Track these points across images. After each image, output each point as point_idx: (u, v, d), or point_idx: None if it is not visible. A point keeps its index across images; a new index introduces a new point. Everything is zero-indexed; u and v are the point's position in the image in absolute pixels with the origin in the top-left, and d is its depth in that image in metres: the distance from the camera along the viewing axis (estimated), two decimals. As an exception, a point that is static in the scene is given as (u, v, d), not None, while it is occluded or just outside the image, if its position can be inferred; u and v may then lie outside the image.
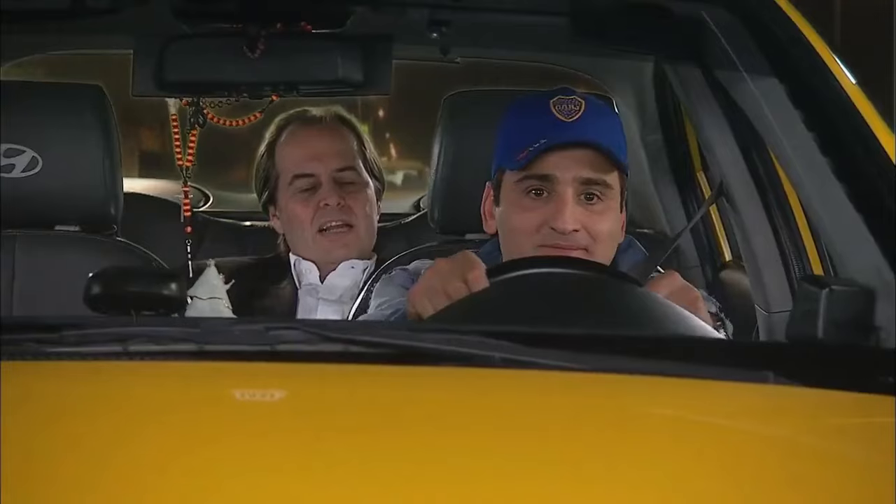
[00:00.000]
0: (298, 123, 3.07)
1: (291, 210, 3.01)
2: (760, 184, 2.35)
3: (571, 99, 2.28)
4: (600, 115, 2.31)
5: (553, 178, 2.26)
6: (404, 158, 8.05)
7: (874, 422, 1.51)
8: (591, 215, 2.26)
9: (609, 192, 2.27)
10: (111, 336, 1.56)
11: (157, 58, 2.50)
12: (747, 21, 2.07)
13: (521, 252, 2.28)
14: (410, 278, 2.39)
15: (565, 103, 2.27)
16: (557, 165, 2.26)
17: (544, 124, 2.28)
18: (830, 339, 1.67)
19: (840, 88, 1.93)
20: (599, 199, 2.26)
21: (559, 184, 2.25)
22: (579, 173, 2.25)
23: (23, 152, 2.79)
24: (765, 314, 2.34)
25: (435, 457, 1.29)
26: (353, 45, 2.49)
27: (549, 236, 2.25)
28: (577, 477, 1.27)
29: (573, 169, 2.25)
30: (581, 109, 2.27)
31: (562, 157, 2.26)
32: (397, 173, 7.39)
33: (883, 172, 1.82)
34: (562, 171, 2.25)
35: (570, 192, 2.25)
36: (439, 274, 2.07)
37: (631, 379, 1.56)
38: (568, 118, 2.26)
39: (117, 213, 2.86)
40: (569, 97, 2.28)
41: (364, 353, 1.55)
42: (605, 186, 2.26)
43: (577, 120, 2.26)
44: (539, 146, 2.25)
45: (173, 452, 1.28)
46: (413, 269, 2.43)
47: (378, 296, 2.40)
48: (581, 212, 2.26)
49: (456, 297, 2.01)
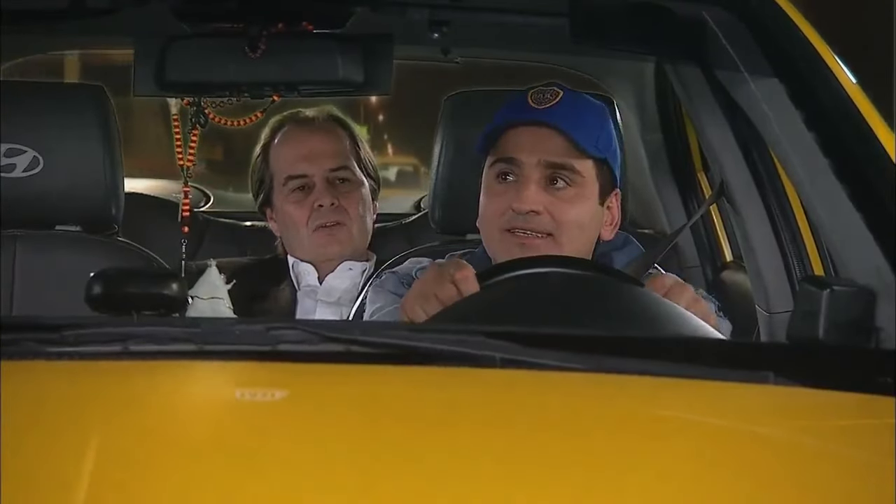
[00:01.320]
0: (292, 124, 3.07)
1: (286, 211, 3.01)
2: (761, 184, 2.35)
3: (550, 89, 2.31)
4: (577, 105, 2.32)
5: (518, 160, 2.28)
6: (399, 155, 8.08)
7: (874, 422, 1.51)
8: (555, 200, 2.27)
9: (579, 179, 2.28)
10: (112, 336, 1.56)
11: (158, 58, 2.50)
12: (747, 21, 2.07)
13: (489, 237, 2.31)
14: (400, 282, 2.39)
15: (542, 92, 2.31)
16: (521, 148, 2.28)
17: (515, 109, 2.31)
18: (831, 340, 1.67)
19: (840, 88, 1.93)
20: (568, 185, 2.28)
21: (523, 166, 2.27)
22: (543, 156, 2.27)
23: (24, 152, 2.80)
24: (765, 315, 2.34)
25: (435, 457, 1.29)
26: (354, 46, 2.49)
27: (512, 218, 2.27)
28: (577, 477, 1.27)
29: (537, 151, 2.27)
30: (556, 99, 2.29)
31: (526, 140, 2.28)
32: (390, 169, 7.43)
33: (883, 172, 1.82)
34: (526, 153, 2.27)
35: (533, 175, 2.27)
36: (429, 280, 2.08)
37: (631, 379, 1.56)
38: (540, 105, 2.28)
39: (118, 213, 2.86)
40: (548, 88, 2.31)
41: (365, 353, 1.55)
42: (573, 172, 2.28)
43: (548, 107, 2.28)
44: (500, 125, 2.29)
45: (173, 452, 1.28)
46: (403, 270, 2.43)
47: (372, 303, 2.41)
48: (545, 195, 2.27)
49: (448, 301, 2.02)
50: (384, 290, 2.40)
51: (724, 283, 3.11)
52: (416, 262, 2.45)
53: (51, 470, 1.23)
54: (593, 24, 2.28)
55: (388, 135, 8.45)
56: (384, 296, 2.38)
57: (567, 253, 2.24)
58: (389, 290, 2.39)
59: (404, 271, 2.43)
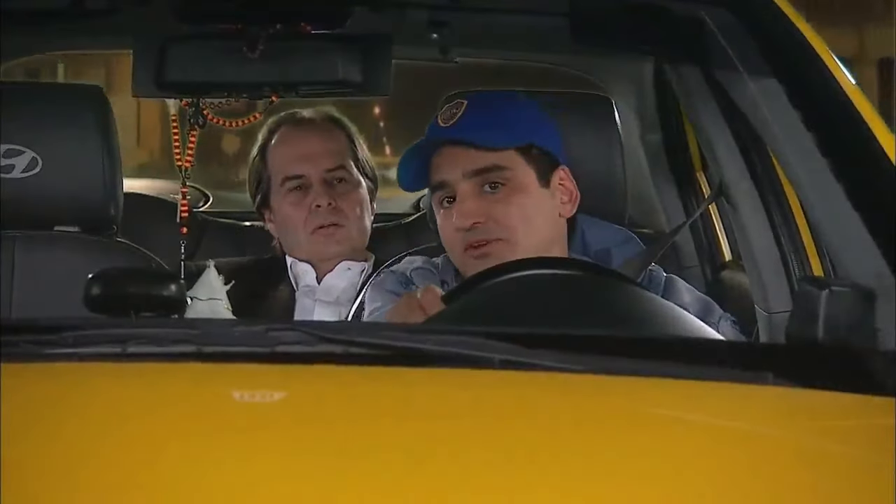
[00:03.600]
0: (288, 125, 3.07)
1: (284, 212, 3.01)
2: (760, 184, 2.35)
3: (455, 103, 2.35)
4: (480, 108, 2.34)
5: (446, 182, 2.32)
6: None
7: (874, 423, 1.51)
8: (494, 204, 2.29)
9: (508, 174, 2.30)
10: (110, 337, 1.56)
11: (157, 58, 2.50)
12: (747, 21, 2.07)
13: (456, 259, 2.35)
14: (399, 281, 2.40)
15: (448, 109, 2.35)
16: (443, 169, 2.33)
17: (428, 135, 2.37)
18: (830, 340, 1.67)
19: (840, 88, 1.93)
20: (501, 184, 2.29)
21: (453, 185, 2.31)
22: (464, 168, 2.30)
23: (23, 153, 2.79)
24: (765, 315, 2.33)
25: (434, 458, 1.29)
26: (353, 46, 2.49)
27: (463, 237, 2.30)
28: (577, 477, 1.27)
29: (456, 166, 2.31)
30: (460, 111, 2.31)
31: (443, 160, 2.33)
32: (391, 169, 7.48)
33: (882, 172, 1.82)
34: (447, 173, 2.31)
35: (464, 189, 2.30)
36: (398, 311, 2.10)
37: (631, 380, 1.56)
38: (446, 122, 2.32)
39: (117, 213, 2.86)
40: (453, 102, 2.36)
41: (364, 354, 1.55)
42: (500, 170, 2.30)
43: (451, 124, 2.32)
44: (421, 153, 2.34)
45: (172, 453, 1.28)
46: (400, 269, 2.44)
47: (371, 302, 2.41)
48: (482, 204, 2.29)
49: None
50: (383, 289, 2.40)
51: (723, 283, 3.10)
52: (410, 263, 2.46)
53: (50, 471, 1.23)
54: (593, 24, 2.28)
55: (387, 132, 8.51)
56: (383, 295, 2.38)
57: (524, 248, 2.26)
58: (388, 289, 2.39)
59: (401, 269, 2.44)
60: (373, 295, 2.42)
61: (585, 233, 2.44)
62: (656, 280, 2.41)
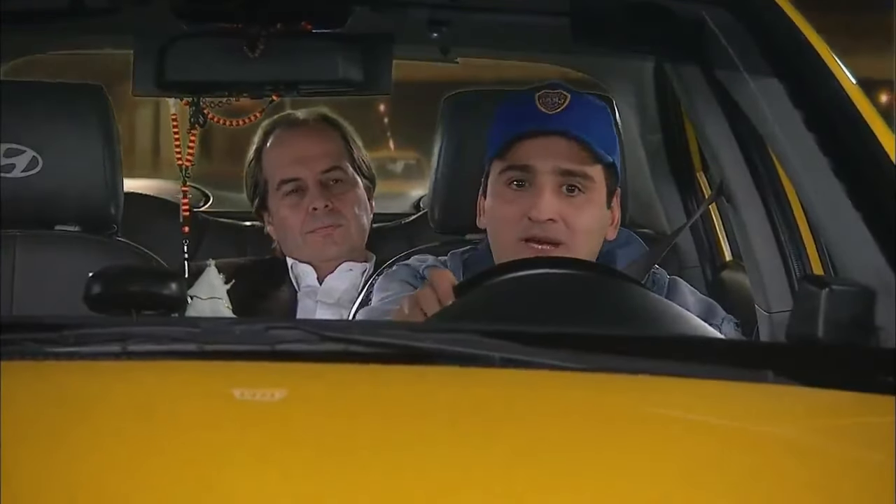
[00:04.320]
0: (283, 127, 3.07)
1: (282, 215, 3.01)
2: (760, 184, 2.35)
3: (557, 92, 2.30)
4: (585, 109, 2.32)
5: (532, 168, 2.28)
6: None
7: (874, 422, 1.51)
8: (569, 207, 2.27)
9: (591, 185, 2.29)
10: (111, 336, 1.56)
11: (157, 58, 2.50)
12: (747, 21, 2.07)
13: (503, 244, 2.31)
14: (412, 273, 2.39)
15: (550, 96, 2.30)
16: (536, 155, 2.28)
17: (526, 115, 2.31)
18: (830, 339, 1.67)
19: (840, 88, 1.93)
20: (580, 191, 2.28)
21: (538, 174, 2.27)
22: (558, 164, 2.27)
23: (23, 152, 2.79)
24: (765, 314, 2.33)
25: (435, 456, 1.29)
26: (354, 45, 2.49)
27: (528, 227, 2.27)
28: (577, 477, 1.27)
29: (552, 159, 2.27)
30: (565, 102, 2.29)
31: (541, 147, 2.28)
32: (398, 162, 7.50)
33: (883, 172, 1.82)
34: (541, 161, 2.27)
35: (548, 182, 2.27)
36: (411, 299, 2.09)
37: (631, 379, 1.56)
38: (550, 110, 2.28)
39: (117, 213, 2.86)
40: (555, 91, 2.31)
41: (364, 352, 1.55)
42: (585, 179, 2.28)
43: (559, 112, 2.28)
44: (516, 133, 2.28)
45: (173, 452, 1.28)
46: (414, 262, 2.44)
47: (380, 290, 2.41)
48: (560, 203, 2.27)
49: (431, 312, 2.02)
50: (396, 279, 2.40)
51: (724, 283, 3.10)
52: (422, 261, 2.45)
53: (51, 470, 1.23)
54: (593, 24, 2.28)
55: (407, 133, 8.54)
56: (396, 284, 2.38)
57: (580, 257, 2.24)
58: (402, 279, 2.39)
59: (415, 264, 2.44)
60: (383, 284, 2.42)
61: None
62: (660, 282, 2.41)
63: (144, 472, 1.23)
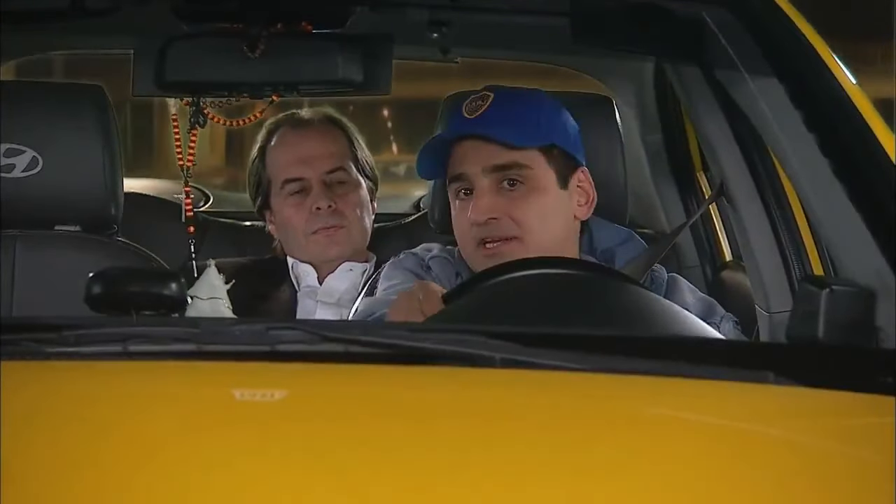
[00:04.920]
0: (287, 127, 3.07)
1: (284, 215, 3.01)
2: (760, 184, 2.35)
3: (481, 95, 2.34)
4: (506, 103, 2.34)
5: (465, 174, 2.33)
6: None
7: (874, 422, 1.51)
8: (512, 201, 2.30)
9: (529, 173, 2.30)
10: (111, 336, 1.56)
11: (157, 58, 2.50)
12: (747, 21, 2.07)
13: (466, 252, 2.36)
14: (419, 263, 2.41)
15: (475, 100, 2.33)
16: (465, 160, 2.33)
17: (453, 123, 2.38)
18: (830, 340, 1.67)
19: (840, 88, 1.93)
20: (521, 182, 2.30)
21: (472, 177, 2.32)
22: (485, 163, 2.30)
23: (23, 152, 2.79)
24: (765, 314, 2.33)
25: (435, 457, 1.29)
26: (354, 45, 2.49)
27: (477, 231, 2.30)
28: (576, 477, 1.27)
29: (478, 161, 2.31)
30: (486, 104, 2.31)
31: (465, 152, 2.33)
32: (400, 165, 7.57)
33: (882, 172, 1.82)
34: (469, 165, 2.32)
35: (483, 183, 2.30)
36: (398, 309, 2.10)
37: (631, 379, 1.56)
38: (471, 114, 2.32)
39: (117, 213, 2.86)
40: (480, 94, 2.34)
41: (364, 353, 1.55)
42: (521, 168, 2.30)
43: (477, 116, 2.31)
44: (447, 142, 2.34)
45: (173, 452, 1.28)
46: (420, 251, 2.45)
47: (386, 279, 2.42)
48: (500, 200, 2.30)
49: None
50: (402, 267, 2.42)
51: (724, 283, 3.10)
52: (428, 250, 2.46)
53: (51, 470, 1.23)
54: (593, 24, 2.28)
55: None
56: (402, 273, 2.39)
57: (537, 248, 2.26)
58: (407, 268, 2.40)
59: (420, 255, 2.45)
60: (390, 273, 2.43)
61: (594, 233, 2.44)
62: (658, 280, 2.41)
63: (144, 472, 1.23)
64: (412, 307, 2.06)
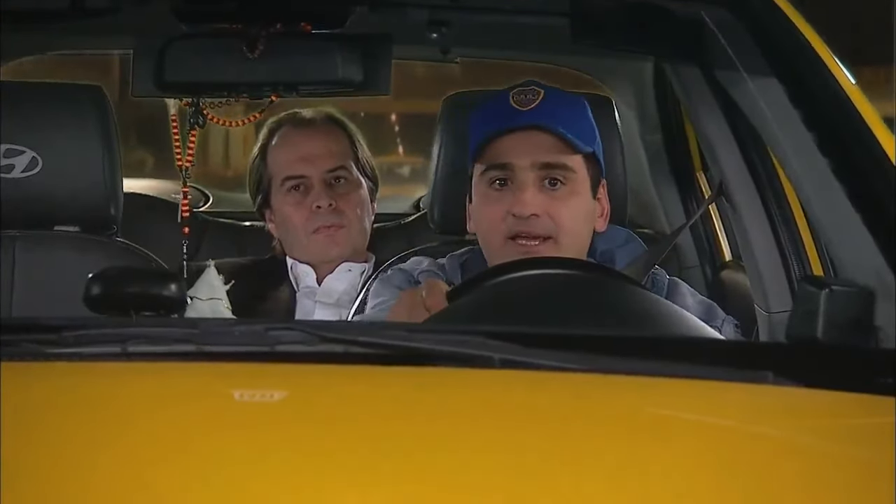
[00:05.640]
0: (289, 126, 3.07)
1: (285, 213, 3.01)
2: (760, 184, 2.35)
3: (530, 89, 2.31)
4: (559, 103, 2.32)
5: (511, 165, 2.28)
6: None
7: (874, 422, 1.51)
8: (553, 201, 2.28)
9: (572, 176, 2.29)
10: (110, 337, 1.56)
11: (157, 58, 2.50)
12: (747, 21, 2.07)
13: (491, 245, 2.31)
14: (407, 279, 2.39)
15: (524, 93, 2.31)
16: (513, 152, 2.28)
17: (501, 114, 2.31)
18: (830, 340, 1.67)
19: (840, 88, 1.93)
20: (563, 183, 2.29)
21: (517, 170, 2.28)
22: (536, 158, 2.27)
23: (23, 152, 2.79)
24: (765, 314, 2.33)
25: (434, 458, 1.29)
26: (353, 46, 2.49)
27: (513, 224, 2.27)
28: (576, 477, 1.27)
29: (529, 154, 2.27)
30: (538, 98, 2.30)
31: (517, 143, 2.29)
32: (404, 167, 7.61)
33: (882, 172, 1.82)
34: (518, 157, 2.28)
35: (528, 178, 2.27)
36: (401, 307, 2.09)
37: (631, 379, 1.56)
38: (524, 106, 2.29)
39: (117, 213, 2.86)
40: (528, 88, 2.31)
41: (364, 353, 1.55)
42: (566, 170, 2.28)
43: (532, 108, 2.29)
44: (493, 132, 2.28)
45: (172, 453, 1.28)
46: (409, 266, 2.43)
47: (375, 296, 2.41)
48: (543, 197, 2.27)
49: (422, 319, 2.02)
50: (390, 284, 2.40)
51: (723, 283, 3.11)
52: (417, 264, 2.45)
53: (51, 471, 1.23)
54: (593, 24, 2.28)
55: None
56: (389, 290, 2.38)
57: (568, 251, 2.25)
58: (395, 284, 2.39)
59: (410, 267, 2.43)
60: (378, 289, 2.42)
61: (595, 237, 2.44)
62: (659, 283, 2.41)
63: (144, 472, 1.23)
64: (415, 303, 2.05)
